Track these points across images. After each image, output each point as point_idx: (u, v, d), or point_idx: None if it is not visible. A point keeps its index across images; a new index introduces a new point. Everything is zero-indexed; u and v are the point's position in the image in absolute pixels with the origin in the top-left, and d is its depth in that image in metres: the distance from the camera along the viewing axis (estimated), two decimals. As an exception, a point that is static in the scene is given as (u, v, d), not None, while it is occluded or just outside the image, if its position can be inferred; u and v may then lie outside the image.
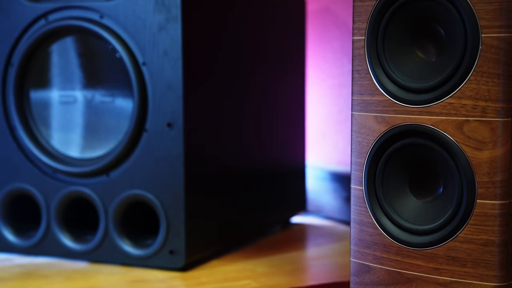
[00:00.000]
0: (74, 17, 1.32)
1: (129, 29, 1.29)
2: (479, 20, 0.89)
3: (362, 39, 1.00)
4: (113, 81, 1.33)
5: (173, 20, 1.26)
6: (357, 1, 1.00)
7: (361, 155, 1.01)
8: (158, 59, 1.27)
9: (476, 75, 0.90)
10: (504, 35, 0.88)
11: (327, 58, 1.76)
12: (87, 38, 1.34)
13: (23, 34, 1.36)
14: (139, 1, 1.28)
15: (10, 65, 1.37)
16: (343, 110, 1.74)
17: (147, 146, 1.29)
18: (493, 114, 0.89)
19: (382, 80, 0.98)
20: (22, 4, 1.35)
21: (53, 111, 1.38)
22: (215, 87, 1.37)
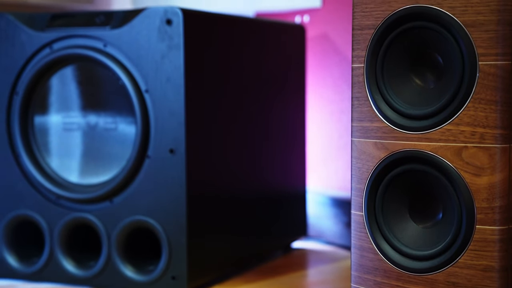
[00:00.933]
0: (78, 45, 1.33)
1: (132, 57, 1.29)
2: (476, 48, 0.90)
3: (361, 66, 1.00)
4: (116, 108, 1.33)
5: (176, 48, 1.27)
6: (356, 30, 1.01)
7: (361, 181, 1.01)
8: (161, 86, 1.28)
9: (474, 102, 0.90)
10: (501, 63, 0.89)
11: (327, 84, 1.76)
12: (91, 66, 1.34)
13: (28, 62, 1.36)
14: (142, 30, 1.28)
15: (15, 93, 1.37)
16: (343, 136, 1.74)
17: (150, 172, 1.30)
18: (491, 140, 0.90)
19: (381, 107, 0.98)
20: (27, 33, 1.36)
21: (57, 138, 1.38)
22: (217, 114, 1.37)
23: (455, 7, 0.91)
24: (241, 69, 1.45)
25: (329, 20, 1.74)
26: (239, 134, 1.45)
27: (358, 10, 1.00)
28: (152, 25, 1.28)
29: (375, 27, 0.98)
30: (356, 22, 1.01)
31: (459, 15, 0.90)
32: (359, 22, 1.00)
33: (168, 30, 1.27)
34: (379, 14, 0.98)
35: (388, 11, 0.97)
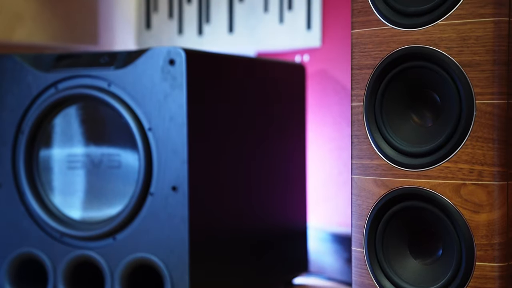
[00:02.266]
0: (83, 85, 1.34)
1: (136, 96, 1.30)
2: (473, 87, 0.90)
3: (361, 105, 1.01)
4: (120, 146, 1.34)
5: (178, 88, 1.27)
6: (355, 69, 1.01)
7: (361, 218, 1.01)
8: (164, 124, 1.28)
9: (472, 140, 0.91)
10: (497, 102, 0.89)
11: (326, 122, 1.77)
12: (95, 105, 1.35)
13: (34, 102, 1.37)
14: (146, 70, 1.29)
15: (21, 132, 1.38)
16: (343, 173, 1.74)
17: (152, 209, 1.29)
18: (489, 178, 0.90)
19: (381, 144, 0.99)
20: (33, 74, 1.37)
21: (61, 175, 1.38)
22: (219, 152, 1.37)
23: (451, 48, 0.92)
24: (242, 107, 1.46)
25: (329, 59, 1.75)
26: (241, 171, 1.45)
27: (356, 50, 1.01)
28: (156, 65, 1.29)
29: (373, 66, 0.99)
30: (355, 62, 1.01)
31: (456, 55, 0.91)
32: (358, 62, 1.01)
33: (171, 70, 1.28)
34: (377, 54, 0.99)
35: (386, 51, 0.98)
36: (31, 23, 1.75)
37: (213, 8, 1.83)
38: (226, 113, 1.40)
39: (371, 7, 0.99)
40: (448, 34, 0.92)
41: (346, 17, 1.73)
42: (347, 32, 1.71)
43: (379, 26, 0.98)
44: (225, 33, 1.82)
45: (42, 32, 1.78)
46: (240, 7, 1.81)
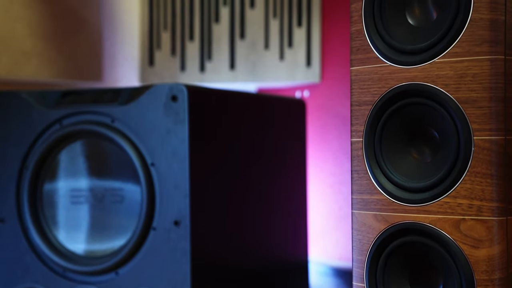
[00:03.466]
0: (87, 121, 1.34)
1: (139, 132, 1.30)
2: (471, 124, 0.90)
3: (360, 141, 1.01)
4: (123, 181, 1.33)
5: (181, 123, 1.28)
6: (354, 105, 1.02)
7: (362, 253, 1.00)
8: (166, 160, 1.28)
9: (470, 175, 0.90)
10: (494, 138, 0.89)
11: (327, 157, 1.77)
12: (99, 141, 1.35)
13: (39, 138, 1.37)
14: (148, 106, 1.30)
15: (25, 167, 1.38)
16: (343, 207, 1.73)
17: (155, 244, 1.29)
18: (488, 213, 0.89)
19: (380, 179, 0.98)
20: (38, 110, 1.38)
21: (64, 210, 1.38)
22: (221, 186, 1.37)
23: (449, 85, 0.92)
24: (244, 142, 1.46)
25: (328, 95, 1.76)
26: (243, 206, 1.44)
27: (356, 87, 1.01)
28: (158, 102, 1.29)
29: (372, 103, 0.99)
30: (354, 98, 1.02)
31: (453, 92, 0.92)
32: (357, 98, 1.01)
33: (174, 106, 1.28)
34: (376, 90, 0.99)
35: (384, 88, 0.98)
36: (37, 60, 1.77)
37: (214, 45, 1.84)
38: (228, 148, 1.40)
39: (369, 45, 0.99)
40: (446, 71, 0.92)
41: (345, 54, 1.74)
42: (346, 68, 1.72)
43: (378, 63, 0.99)
44: (226, 69, 1.83)
45: (48, 69, 1.79)
46: (241, 44, 1.82)
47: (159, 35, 1.89)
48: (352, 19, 1.01)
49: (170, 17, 1.88)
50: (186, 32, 1.86)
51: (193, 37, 1.86)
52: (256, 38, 1.80)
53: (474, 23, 0.90)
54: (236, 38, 1.82)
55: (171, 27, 1.88)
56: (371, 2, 0.99)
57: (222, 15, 1.83)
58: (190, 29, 1.86)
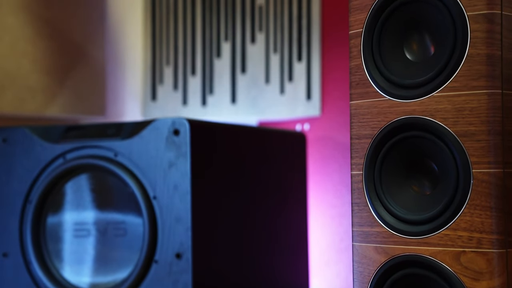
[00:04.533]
0: (90, 155, 1.34)
1: (141, 166, 1.30)
2: (469, 157, 0.90)
3: (360, 173, 1.01)
4: (126, 214, 1.33)
5: (183, 157, 1.28)
6: (354, 139, 1.02)
7: (363, 285, 0.99)
8: (168, 193, 1.28)
9: (470, 208, 0.90)
10: (493, 171, 0.89)
11: (327, 189, 1.77)
12: (102, 174, 1.35)
13: (42, 172, 1.37)
14: (151, 140, 1.30)
15: (28, 202, 1.37)
16: (344, 239, 1.72)
17: (157, 276, 1.28)
18: (488, 245, 0.89)
19: (381, 212, 0.98)
20: (42, 145, 1.38)
21: (67, 244, 1.37)
22: (223, 219, 1.37)
23: (447, 118, 0.92)
24: (245, 175, 1.46)
25: (329, 128, 1.77)
26: (244, 238, 1.44)
27: (355, 121, 1.02)
28: (161, 136, 1.29)
29: (372, 136, 0.99)
30: (354, 132, 1.02)
31: (452, 126, 0.92)
32: (357, 132, 1.01)
33: (176, 140, 1.28)
34: (375, 124, 0.99)
35: (384, 121, 0.98)
36: (41, 96, 1.78)
37: (216, 80, 1.85)
38: (229, 181, 1.40)
39: (368, 80, 1.00)
40: (444, 105, 0.92)
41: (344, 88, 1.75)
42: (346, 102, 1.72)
43: (377, 97, 0.99)
44: (228, 103, 1.84)
45: (52, 104, 1.80)
46: (242, 78, 1.83)
47: (161, 70, 1.90)
48: (351, 54, 1.02)
49: (172, 52, 1.89)
50: (188, 67, 1.88)
51: (195, 72, 1.87)
52: (257, 73, 1.81)
53: (471, 58, 0.90)
54: (237, 72, 1.84)
55: (173, 62, 1.89)
56: (369, 38, 0.99)
57: (223, 50, 1.85)
58: (192, 64, 1.87)
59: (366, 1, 0.99)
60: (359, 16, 1.01)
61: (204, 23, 1.86)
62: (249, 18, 1.82)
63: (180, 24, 1.88)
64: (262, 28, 1.81)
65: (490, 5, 0.89)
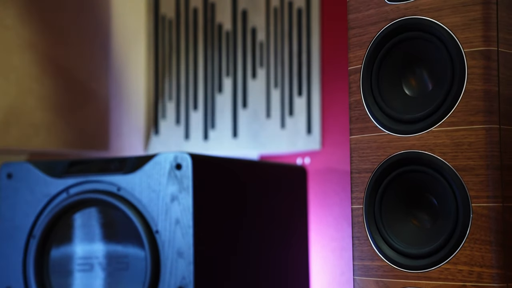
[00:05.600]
0: (94, 190, 1.34)
1: (144, 200, 1.30)
2: (469, 191, 0.90)
3: (360, 207, 1.00)
4: (128, 248, 1.32)
5: (185, 191, 1.27)
6: (354, 173, 1.02)
7: (364, 320, 0.98)
8: (170, 227, 1.27)
9: (470, 242, 0.89)
10: (492, 205, 0.89)
11: (328, 223, 1.76)
12: (105, 209, 1.35)
13: (46, 207, 1.37)
14: (153, 175, 1.30)
15: (32, 237, 1.37)
16: (345, 273, 1.71)
17: (159, 311, 1.26)
18: (489, 279, 0.88)
19: (381, 246, 0.97)
20: (46, 180, 1.38)
21: (70, 278, 1.36)
22: (224, 252, 1.36)
23: (446, 153, 0.92)
24: (247, 209, 1.45)
25: (329, 162, 1.76)
26: (246, 272, 1.43)
27: (355, 155, 1.02)
28: (163, 170, 1.29)
29: (372, 170, 0.99)
30: (354, 166, 1.02)
31: (451, 160, 0.92)
32: (357, 166, 1.01)
33: (178, 174, 1.28)
34: (375, 158, 0.99)
35: (383, 156, 0.98)
36: (46, 132, 1.78)
37: (218, 114, 1.85)
38: (231, 215, 1.39)
39: (368, 115, 1.00)
40: (442, 140, 0.92)
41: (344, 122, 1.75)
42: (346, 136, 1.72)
43: (376, 132, 0.99)
44: (229, 137, 1.84)
45: (57, 140, 1.80)
46: (244, 113, 1.83)
47: (164, 105, 1.91)
48: (351, 90, 1.02)
49: (175, 88, 1.90)
50: (191, 102, 1.88)
51: (197, 107, 1.87)
52: (258, 107, 1.82)
53: (469, 94, 0.91)
54: (238, 107, 1.84)
55: (176, 97, 1.90)
56: (368, 74, 1.00)
57: (225, 85, 1.85)
58: (194, 99, 1.88)
59: (364, 38, 1.00)
60: (358, 53, 1.01)
61: (206, 59, 1.87)
62: (250, 54, 1.83)
63: (183, 60, 1.90)
64: (263, 63, 1.82)
65: (486, 42, 0.90)
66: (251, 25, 1.84)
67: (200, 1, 1.88)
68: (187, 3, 1.89)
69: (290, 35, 1.80)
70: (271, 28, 1.82)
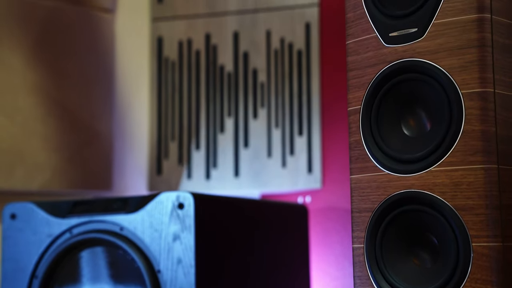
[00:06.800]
0: (96, 230, 1.33)
1: (146, 240, 1.29)
2: (469, 230, 0.89)
3: (361, 247, 1.00)
4: (131, 287, 1.31)
5: (187, 230, 1.27)
6: (355, 212, 1.01)
7: None
8: (172, 266, 1.26)
9: (471, 281, 0.88)
10: (493, 244, 0.88)
11: (329, 261, 1.74)
12: (108, 248, 1.34)
13: (49, 248, 1.36)
14: (156, 214, 1.29)
15: (35, 277, 1.36)
16: (347, 311, 1.69)
17: None
18: (491, 319, 0.87)
19: (383, 285, 0.97)
20: (50, 220, 1.37)
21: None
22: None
23: (445, 192, 0.92)
24: (249, 247, 1.44)
25: (330, 200, 1.76)
26: (247, 312, 1.41)
27: (355, 194, 1.01)
28: (165, 210, 1.29)
29: (372, 210, 0.99)
30: (355, 205, 1.01)
31: (450, 200, 0.91)
32: (357, 205, 1.01)
33: (180, 213, 1.28)
34: (375, 198, 0.99)
35: (383, 195, 0.98)
36: (50, 172, 1.78)
37: (220, 154, 1.85)
38: (233, 254, 1.38)
39: (368, 155, 1.00)
40: (442, 179, 0.92)
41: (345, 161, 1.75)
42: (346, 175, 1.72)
43: (376, 172, 0.99)
44: (231, 177, 1.84)
45: (61, 180, 1.80)
46: (245, 152, 1.84)
47: (167, 145, 1.91)
48: (351, 130, 1.03)
49: (177, 128, 1.90)
50: (193, 142, 1.89)
51: (199, 147, 1.88)
52: (259, 147, 1.82)
53: (467, 134, 0.91)
54: (240, 147, 1.84)
55: (178, 137, 1.90)
56: (368, 114, 1.00)
57: (226, 125, 1.86)
58: (197, 139, 1.88)
59: (363, 80, 1.01)
60: (357, 94, 1.02)
61: (208, 100, 1.88)
62: (251, 95, 1.84)
63: (185, 101, 1.91)
64: (264, 104, 1.83)
65: (483, 84, 0.90)
66: (252, 66, 1.85)
67: (202, 43, 1.90)
68: (190, 45, 1.91)
69: (290, 76, 1.81)
70: (272, 70, 1.83)
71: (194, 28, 1.90)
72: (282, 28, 1.83)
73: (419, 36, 0.95)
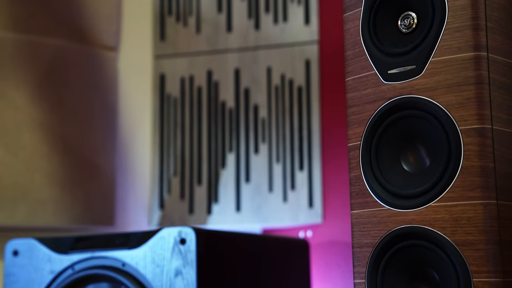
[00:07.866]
0: (98, 266, 1.33)
1: (148, 275, 1.28)
2: (469, 266, 0.89)
3: (363, 282, 0.99)
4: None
5: (189, 266, 1.26)
6: (355, 247, 1.01)
7: None
8: (174, 302, 1.25)
9: (472, 317, 0.88)
10: (493, 280, 0.87)
11: (331, 296, 1.73)
12: (110, 284, 1.33)
13: (51, 284, 1.35)
14: (157, 250, 1.29)
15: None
16: None
17: None
18: None
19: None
20: (52, 256, 1.36)
21: None
22: (227, 328, 1.33)
23: (445, 227, 0.91)
24: (250, 282, 1.43)
25: (331, 235, 1.75)
26: None
27: (356, 229, 1.01)
28: (167, 245, 1.28)
29: (373, 245, 0.98)
30: (355, 240, 1.01)
31: (450, 235, 0.91)
32: (358, 240, 1.00)
33: (182, 248, 1.27)
34: (376, 233, 0.98)
35: (384, 230, 0.98)
36: (53, 207, 1.78)
37: (221, 189, 1.85)
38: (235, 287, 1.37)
39: (368, 190, 1.00)
40: (442, 215, 0.92)
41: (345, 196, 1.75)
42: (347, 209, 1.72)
43: (377, 207, 0.99)
44: (232, 211, 1.84)
45: (63, 215, 1.79)
46: (247, 187, 1.83)
47: (169, 180, 1.91)
48: (351, 166, 1.03)
49: (179, 164, 1.91)
50: (195, 177, 1.89)
51: (201, 182, 1.88)
52: (260, 182, 1.82)
53: (466, 170, 0.91)
54: (241, 182, 1.84)
55: (180, 173, 1.90)
56: (367, 150, 1.00)
57: (228, 161, 1.86)
58: (198, 174, 1.88)
59: (363, 116, 1.01)
60: (357, 130, 1.02)
61: (210, 135, 1.89)
62: (252, 130, 1.85)
63: (187, 137, 1.91)
64: (265, 139, 1.84)
65: (480, 121, 0.91)
66: (253, 102, 1.86)
67: (204, 80, 1.91)
68: (192, 82, 1.92)
69: (291, 112, 1.82)
70: (273, 105, 1.84)
71: (196, 65, 1.92)
72: (282, 65, 1.84)
73: (417, 73, 0.96)
